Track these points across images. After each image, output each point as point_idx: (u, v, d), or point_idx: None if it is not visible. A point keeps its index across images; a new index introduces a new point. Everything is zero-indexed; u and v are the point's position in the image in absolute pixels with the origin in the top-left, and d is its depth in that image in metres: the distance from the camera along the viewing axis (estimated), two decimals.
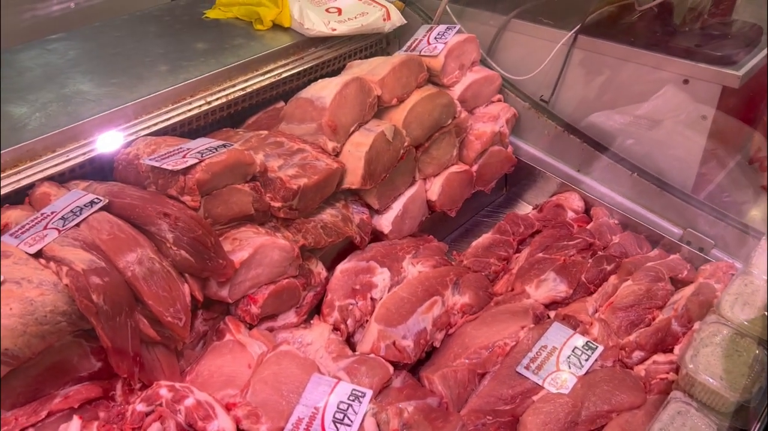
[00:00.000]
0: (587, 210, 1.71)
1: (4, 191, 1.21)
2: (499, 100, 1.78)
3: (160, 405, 1.02)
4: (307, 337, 1.28)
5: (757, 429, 1.11)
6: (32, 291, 0.98)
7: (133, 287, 1.07)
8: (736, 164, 1.61)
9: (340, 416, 1.05)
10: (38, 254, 1.06)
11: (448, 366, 1.30)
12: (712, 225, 1.54)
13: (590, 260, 1.52)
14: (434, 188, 1.62)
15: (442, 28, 1.70)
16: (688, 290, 1.42)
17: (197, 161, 1.20)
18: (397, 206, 1.55)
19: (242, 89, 1.55)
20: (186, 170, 1.19)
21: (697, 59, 1.49)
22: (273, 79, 1.61)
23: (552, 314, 1.44)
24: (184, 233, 1.13)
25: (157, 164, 1.20)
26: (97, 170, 1.34)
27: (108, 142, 1.34)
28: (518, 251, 1.63)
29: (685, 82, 1.51)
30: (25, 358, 0.97)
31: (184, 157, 1.22)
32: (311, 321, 1.35)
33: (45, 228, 1.12)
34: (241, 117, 1.61)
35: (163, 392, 1.03)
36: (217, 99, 1.50)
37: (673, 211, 1.60)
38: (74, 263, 1.02)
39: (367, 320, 1.36)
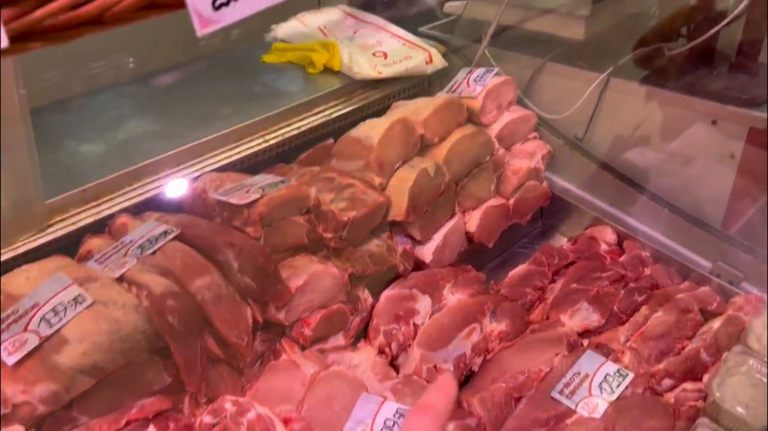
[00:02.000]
0: (620, 243, 1.78)
1: (88, 220, 1.36)
2: (535, 138, 1.88)
3: (225, 417, 1.13)
4: (354, 359, 1.38)
5: None
6: (117, 312, 1.11)
7: (203, 310, 1.19)
8: (765, 200, 1.67)
9: None
10: (120, 279, 1.19)
11: (485, 389, 1.39)
12: (741, 259, 1.60)
13: (622, 291, 1.59)
14: (473, 221, 1.72)
15: (481, 70, 1.82)
16: (717, 322, 1.48)
17: (259, 195, 1.33)
18: (437, 237, 1.65)
19: (296, 128, 1.69)
20: (249, 204, 1.32)
21: (725, 101, 1.57)
22: (324, 119, 1.74)
23: (585, 342, 1.51)
24: (248, 262, 1.25)
25: (223, 199, 1.33)
26: (168, 203, 1.48)
27: (178, 177, 1.49)
28: (553, 281, 1.71)
29: (714, 122, 1.59)
30: (109, 372, 1.10)
31: (247, 192, 1.35)
32: (358, 344, 1.45)
33: (125, 255, 1.25)
34: (294, 153, 1.74)
35: (228, 406, 1.14)
36: (274, 138, 1.64)
37: (703, 245, 1.66)
38: (153, 287, 1.15)
39: (409, 345, 1.45)
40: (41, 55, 0.58)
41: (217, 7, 0.58)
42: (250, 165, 1.63)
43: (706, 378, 1.38)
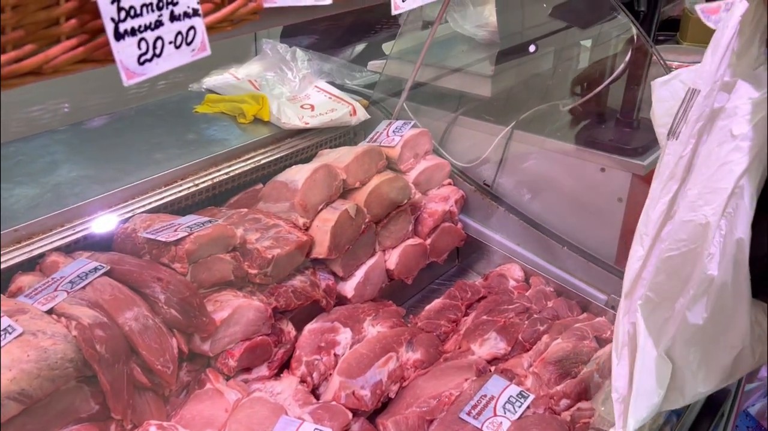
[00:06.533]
0: (527, 279, 1.95)
1: (20, 259, 1.42)
2: (449, 184, 2.05)
3: None
4: (277, 388, 1.46)
5: None
6: (46, 341, 1.17)
7: (130, 339, 1.26)
8: None
9: None
10: (50, 312, 1.26)
11: (400, 413, 1.49)
12: None
13: (527, 322, 1.74)
14: (392, 259, 1.85)
15: (399, 123, 1.99)
16: (609, 348, 1.64)
17: (187, 234, 1.42)
18: (359, 274, 1.77)
19: (226, 174, 1.80)
20: (177, 242, 1.41)
21: (611, 151, 1.78)
22: (253, 165, 1.86)
23: (493, 368, 1.64)
24: (174, 295, 1.34)
25: (152, 237, 1.42)
26: (99, 242, 1.55)
27: (109, 218, 1.57)
28: (466, 314, 1.85)
29: (602, 170, 1.79)
30: (37, 398, 1.15)
31: (175, 231, 1.44)
32: (281, 375, 1.54)
33: (55, 290, 1.32)
34: (225, 197, 1.84)
35: (153, 430, 1.21)
36: (204, 182, 1.74)
37: (599, 280, 1.84)
38: (81, 318, 1.22)
39: (330, 374, 1.55)
40: None
41: (141, 63, 0.71)
42: (181, 208, 1.72)
43: None
